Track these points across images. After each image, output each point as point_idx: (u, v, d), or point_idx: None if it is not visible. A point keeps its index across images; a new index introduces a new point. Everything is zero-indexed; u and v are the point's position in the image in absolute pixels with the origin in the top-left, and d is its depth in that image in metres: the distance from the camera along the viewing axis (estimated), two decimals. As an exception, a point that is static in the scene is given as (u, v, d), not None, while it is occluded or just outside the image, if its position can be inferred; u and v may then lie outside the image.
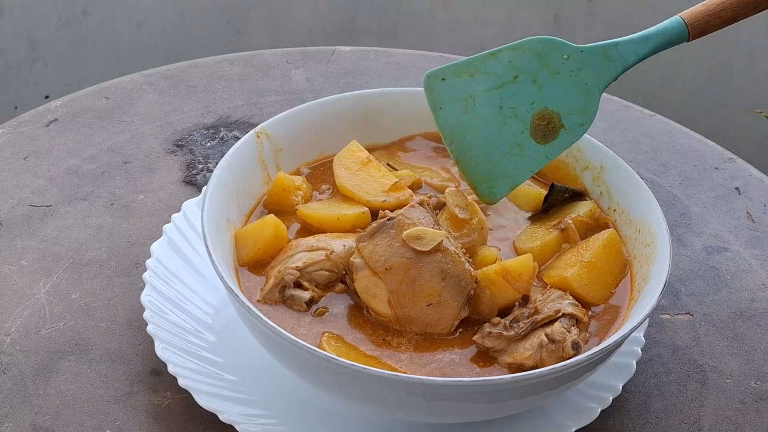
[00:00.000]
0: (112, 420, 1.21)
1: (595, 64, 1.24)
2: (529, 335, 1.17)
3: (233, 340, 1.26)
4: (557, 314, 1.17)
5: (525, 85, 1.24)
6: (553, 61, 1.24)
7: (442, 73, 1.24)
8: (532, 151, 1.25)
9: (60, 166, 1.51)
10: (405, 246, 1.17)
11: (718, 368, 1.32)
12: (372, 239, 1.18)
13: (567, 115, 1.25)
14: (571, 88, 1.24)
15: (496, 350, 1.17)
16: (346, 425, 1.19)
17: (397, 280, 1.17)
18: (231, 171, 1.27)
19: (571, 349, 1.15)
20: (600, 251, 1.24)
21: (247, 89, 1.67)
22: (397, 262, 1.17)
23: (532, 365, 1.15)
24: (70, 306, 1.32)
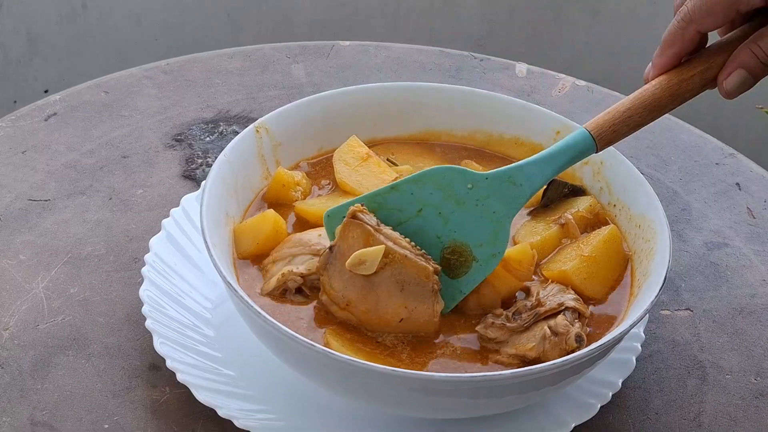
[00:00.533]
0: (111, 415, 1.20)
1: (502, 191, 1.18)
2: (532, 327, 1.17)
3: (232, 335, 1.26)
4: (560, 307, 1.17)
5: (430, 218, 1.18)
6: (457, 191, 1.18)
7: (342, 211, 1.18)
8: (444, 287, 1.17)
9: (59, 160, 1.50)
10: (353, 275, 1.15)
11: (718, 364, 1.31)
12: (326, 272, 1.17)
13: (477, 247, 1.18)
14: (480, 218, 1.18)
15: (499, 341, 1.17)
16: (345, 420, 1.19)
17: (361, 311, 1.16)
18: (230, 166, 1.27)
19: (575, 341, 1.14)
20: (600, 246, 1.24)
21: (247, 84, 1.67)
22: (353, 295, 1.16)
23: (535, 357, 1.15)
24: (68, 301, 1.32)
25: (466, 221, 1.18)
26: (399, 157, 1.36)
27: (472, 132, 1.40)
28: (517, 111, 1.38)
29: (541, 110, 1.37)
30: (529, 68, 1.74)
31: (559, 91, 1.70)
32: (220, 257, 1.16)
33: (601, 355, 1.16)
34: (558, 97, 1.69)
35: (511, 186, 1.18)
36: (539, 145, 1.37)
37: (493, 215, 1.18)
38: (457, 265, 1.18)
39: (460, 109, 1.39)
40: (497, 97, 1.38)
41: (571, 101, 1.68)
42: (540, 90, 1.70)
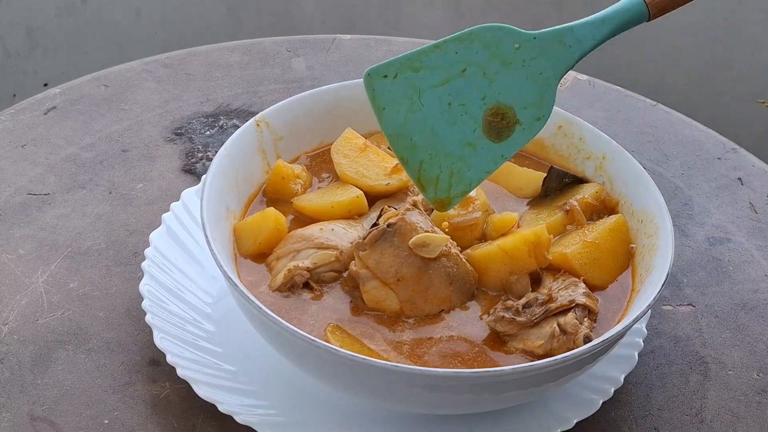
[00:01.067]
0: (111, 410, 1.20)
1: (550, 52, 1.14)
2: (542, 323, 1.16)
3: (232, 330, 1.25)
4: (571, 304, 1.16)
5: (474, 78, 1.14)
6: (504, 51, 1.14)
7: (384, 70, 1.13)
8: (485, 151, 1.14)
9: (58, 154, 1.50)
10: (412, 254, 1.16)
11: (720, 360, 1.31)
12: (374, 248, 1.17)
13: (522, 110, 1.15)
14: (525, 80, 1.14)
15: (507, 334, 1.16)
16: (346, 415, 1.19)
17: (409, 290, 1.17)
18: (230, 160, 1.26)
19: (583, 342, 1.14)
20: (605, 234, 1.23)
21: (247, 77, 1.66)
22: (407, 272, 1.16)
23: (542, 354, 1.14)
24: (68, 295, 1.31)
25: (511, 82, 1.14)
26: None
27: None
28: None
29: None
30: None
31: (561, 85, 1.69)
32: (220, 252, 1.15)
33: (603, 351, 1.15)
34: (559, 91, 1.67)
35: (560, 47, 1.14)
36: (540, 139, 1.36)
37: (540, 77, 1.15)
38: (500, 128, 1.14)
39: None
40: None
41: (573, 95, 1.68)
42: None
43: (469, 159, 1.15)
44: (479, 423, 1.19)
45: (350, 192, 1.27)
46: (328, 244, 1.20)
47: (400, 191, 1.29)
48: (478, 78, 1.14)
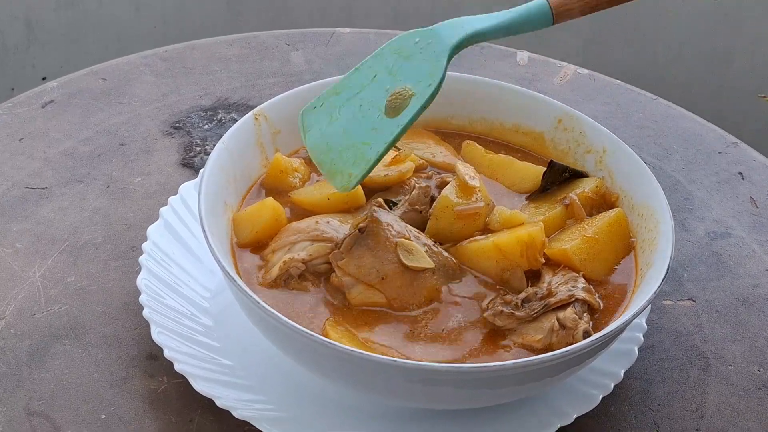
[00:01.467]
0: (108, 405, 1.19)
1: (444, 34, 1.22)
2: (541, 318, 1.15)
3: (230, 325, 1.24)
4: (570, 299, 1.16)
5: (381, 79, 1.22)
6: (406, 48, 1.22)
7: (313, 104, 1.24)
8: (385, 127, 1.20)
9: (56, 148, 1.49)
10: (389, 251, 1.17)
11: (721, 355, 1.30)
12: (351, 254, 1.17)
13: (417, 84, 1.20)
14: (422, 62, 1.21)
15: (506, 329, 1.16)
16: (344, 410, 1.18)
17: (396, 286, 1.16)
18: (228, 153, 1.25)
19: (582, 337, 1.13)
20: (605, 228, 1.22)
21: (246, 71, 1.65)
22: (390, 270, 1.16)
23: (542, 349, 1.14)
24: (65, 289, 1.31)
25: (409, 68, 1.22)
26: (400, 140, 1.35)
27: (472, 121, 1.38)
28: (518, 99, 1.36)
29: (542, 98, 1.36)
30: (530, 56, 1.73)
31: (561, 80, 1.68)
32: (218, 246, 1.15)
33: (603, 346, 1.14)
34: (560, 85, 1.67)
35: (453, 29, 1.21)
36: (540, 133, 1.36)
37: (434, 54, 1.21)
38: (398, 104, 1.20)
39: (460, 96, 1.37)
40: (498, 85, 1.37)
41: (572, 89, 1.67)
42: (542, 78, 1.69)
43: (373, 141, 1.20)
44: (478, 418, 1.19)
45: None
46: (324, 236, 1.20)
47: (398, 183, 1.29)
48: (385, 77, 1.22)
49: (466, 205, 1.22)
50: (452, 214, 1.22)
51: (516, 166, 1.32)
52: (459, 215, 1.22)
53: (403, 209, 1.24)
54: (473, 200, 1.23)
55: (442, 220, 1.22)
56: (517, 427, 1.18)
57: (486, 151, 1.34)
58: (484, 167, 1.33)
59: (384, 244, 1.17)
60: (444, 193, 1.23)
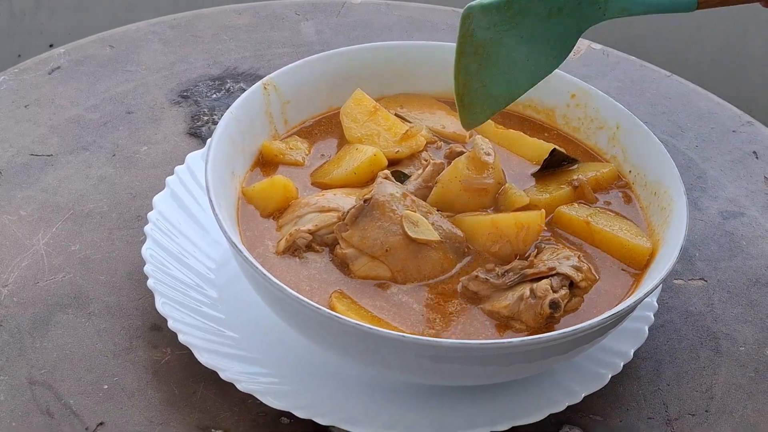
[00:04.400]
0: (110, 375, 1.18)
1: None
2: (516, 287, 1.14)
3: (235, 296, 1.23)
4: (550, 272, 1.14)
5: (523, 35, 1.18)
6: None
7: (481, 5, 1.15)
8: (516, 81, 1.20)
9: (62, 115, 1.47)
10: (395, 223, 1.15)
11: (732, 336, 1.28)
12: (356, 226, 1.15)
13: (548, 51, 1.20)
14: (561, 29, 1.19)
15: (481, 296, 1.14)
16: (349, 384, 1.16)
17: (400, 258, 1.15)
18: (237, 123, 1.24)
19: (548, 307, 1.11)
20: (608, 237, 1.20)
21: (255, 40, 1.63)
22: (395, 241, 1.14)
23: (507, 315, 1.12)
24: (69, 258, 1.29)
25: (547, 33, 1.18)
26: (409, 110, 1.33)
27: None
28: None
29: (555, 72, 1.33)
30: (543, 30, 1.70)
31: (574, 54, 1.66)
32: (224, 216, 1.13)
33: (613, 324, 1.13)
34: (573, 60, 1.65)
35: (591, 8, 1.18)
36: (552, 109, 1.34)
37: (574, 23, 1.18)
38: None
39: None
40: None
41: (586, 64, 1.64)
42: (554, 53, 1.66)
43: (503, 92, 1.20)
44: (485, 394, 1.17)
45: (365, 151, 1.24)
46: (329, 207, 1.18)
47: (409, 159, 1.27)
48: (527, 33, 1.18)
49: (473, 180, 1.20)
50: (459, 186, 1.20)
51: (526, 142, 1.30)
52: (466, 188, 1.20)
53: (416, 185, 1.22)
54: (484, 176, 1.21)
55: (447, 189, 1.20)
56: (527, 404, 1.16)
57: (497, 126, 1.32)
58: (496, 140, 1.31)
59: (389, 215, 1.15)
60: (455, 163, 1.21)
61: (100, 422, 1.14)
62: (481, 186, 1.21)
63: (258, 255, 1.17)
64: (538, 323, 1.12)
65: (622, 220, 1.22)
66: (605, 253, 1.20)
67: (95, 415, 1.14)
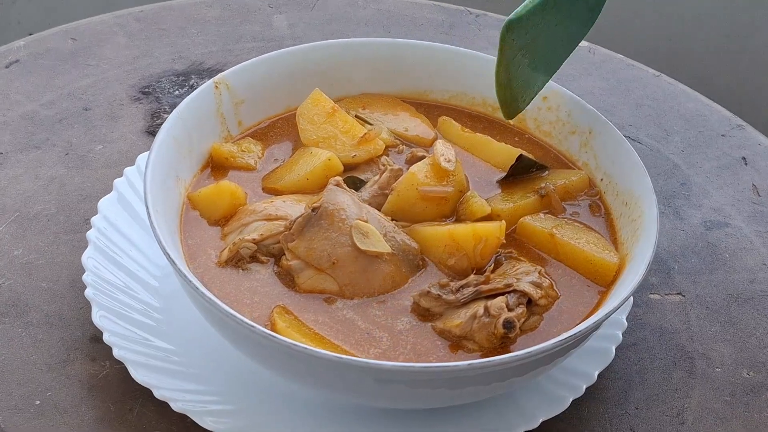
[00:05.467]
0: (44, 390, 1.11)
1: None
2: (470, 304, 1.07)
3: (180, 307, 1.16)
4: (506, 288, 1.07)
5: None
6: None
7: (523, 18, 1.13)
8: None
9: (16, 110, 1.41)
10: (343, 234, 1.08)
11: (708, 355, 1.21)
12: (302, 236, 1.08)
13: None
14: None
15: (433, 313, 1.07)
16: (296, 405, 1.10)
17: (348, 271, 1.08)
18: (183, 123, 1.17)
19: (502, 327, 1.04)
20: (573, 251, 1.13)
21: (224, 34, 1.56)
22: (343, 253, 1.07)
23: (459, 335, 1.05)
24: (11, 263, 1.23)
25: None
26: (371, 111, 1.26)
27: (453, 94, 1.29)
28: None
29: (527, 73, 1.26)
30: (528, 26, 1.62)
31: (559, 52, 1.58)
32: (161, 224, 1.06)
33: (573, 345, 1.05)
34: (556, 58, 1.57)
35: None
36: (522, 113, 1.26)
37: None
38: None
39: (440, 68, 1.28)
40: (480, 57, 1.27)
41: (569, 63, 1.55)
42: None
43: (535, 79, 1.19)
44: (439, 418, 1.10)
45: (320, 156, 1.18)
46: (277, 215, 1.12)
47: (366, 163, 1.20)
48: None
49: (432, 187, 1.13)
50: (416, 194, 1.13)
51: (493, 147, 1.23)
52: (423, 196, 1.13)
53: (372, 192, 1.15)
54: (443, 184, 1.14)
55: (403, 197, 1.13)
56: (479, 429, 1.09)
57: (463, 129, 1.25)
58: (461, 145, 1.24)
59: (338, 225, 1.08)
60: (412, 169, 1.14)
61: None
62: (440, 194, 1.14)
63: (199, 265, 1.10)
64: (491, 343, 1.05)
65: (589, 233, 1.15)
66: (569, 268, 1.13)
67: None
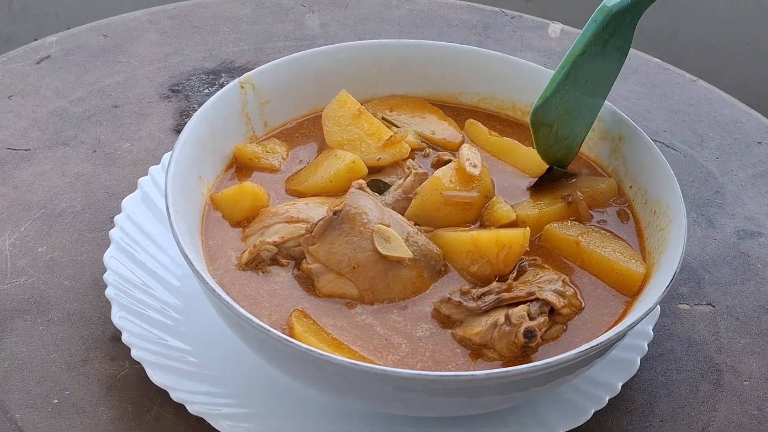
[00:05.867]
0: (62, 389, 1.11)
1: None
2: (492, 312, 1.05)
3: (201, 307, 1.14)
4: (528, 297, 1.05)
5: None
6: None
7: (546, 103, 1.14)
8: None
9: (45, 107, 1.41)
10: (365, 238, 1.06)
11: (736, 368, 1.18)
12: (323, 240, 1.07)
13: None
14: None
15: (454, 320, 1.06)
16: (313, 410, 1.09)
17: (368, 277, 1.06)
18: (208, 123, 1.16)
19: (523, 336, 1.02)
20: (599, 259, 1.11)
21: (256, 33, 1.55)
22: (364, 258, 1.06)
23: (479, 343, 1.04)
24: (34, 260, 1.23)
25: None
26: (398, 114, 1.24)
27: (482, 98, 1.28)
28: (533, 77, 1.25)
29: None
30: (564, 28, 1.60)
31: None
32: (181, 225, 1.06)
33: (597, 355, 1.03)
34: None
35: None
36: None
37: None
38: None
39: (469, 71, 1.27)
40: (509, 60, 1.26)
41: (605, 67, 1.54)
42: (573, 53, 1.56)
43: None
44: (458, 425, 1.09)
45: (344, 158, 1.16)
46: (298, 217, 1.10)
47: (392, 166, 1.19)
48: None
49: (457, 192, 1.12)
50: (440, 198, 1.11)
51: (520, 152, 1.21)
52: (447, 201, 1.11)
53: (395, 196, 1.14)
54: (468, 189, 1.12)
55: (427, 201, 1.11)
56: (500, 438, 1.08)
57: (491, 133, 1.23)
58: (488, 149, 1.22)
59: (359, 229, 1.07)
60: (437, 174, 1.13)
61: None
62: (464, 200, 1.12)
63: (219, 267, 1.10)
64: (512, 352, 1.04)
65: (616, 241, 1.13)
66: (595, 276, 1.11)
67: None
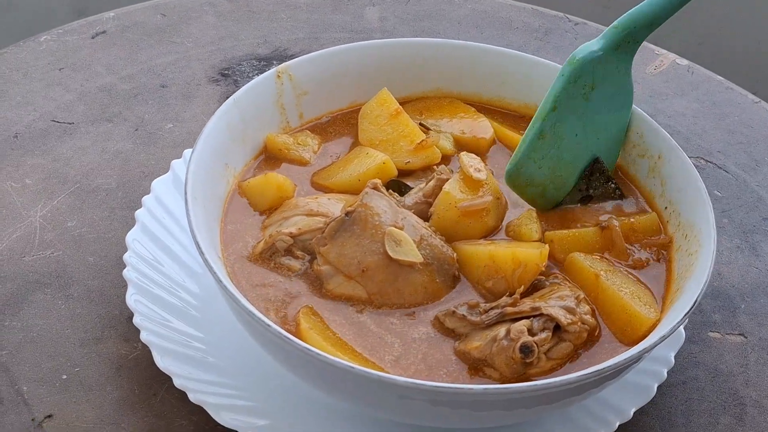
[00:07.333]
0: (73, 365, 1.11)
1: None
2: (495, 326, 1.02)
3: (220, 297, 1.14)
4: (533, 312, 1.02)
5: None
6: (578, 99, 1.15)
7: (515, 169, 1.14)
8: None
9: (94, 82, 1.41)
10: (375, 241, 1.04)
11: (762, 403, 1.14)
12: (334, 240, 1.05)
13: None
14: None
15: (458, 333, 1.03)
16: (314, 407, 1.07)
17: (377, 281, 1.04)
18: (239, 111, 1.15)
19: (519, 351, 0.99)
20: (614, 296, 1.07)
21: (313, 22, 1.54)
22: (373, 261, 1.04)
23: (477, 357, 1.01)
24: (62, 234, 1.23)
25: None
26: (436, 118, 1.22)
27: (522, 103, 1.25)
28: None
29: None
30: (629, 39, 1.56)
31: (656, 69, 1.52)
32: (197, 211, 1.05)
33: (607, 378, 1.00)
34: (652, 74, 1.51)
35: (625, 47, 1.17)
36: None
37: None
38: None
39: (513, 76, 1.24)
40: (552, 66, 1.23)
41: (665, 81, 1.50)
42: (634, 64, 1.52)
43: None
44: (463, 438, 1.07)
45: (375, 157, 1.15)
46: (318, 211, 1.09)
47: (422, 170, 1.17)
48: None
49: (471, 201, 1.09)
50: (456, 212, 1.09)
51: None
52: (464, 212, 1.09)
53: (415, 199, 1.12)
54: (480, 195, 1.10)
55: (444, 218, 1.09)
56: (502, 455, 1.05)
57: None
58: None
59: (371, 232, 1.05)
60: (446, 188, 1.10)
61: (48, 414, 1.07)
62: (480, 206, 1.10)
63: (233, 252, 1.09)
64: (511, 368, 1.01)
65: (637, 285, 1.08)
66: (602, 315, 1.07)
67: (45, 407, 1.08)
